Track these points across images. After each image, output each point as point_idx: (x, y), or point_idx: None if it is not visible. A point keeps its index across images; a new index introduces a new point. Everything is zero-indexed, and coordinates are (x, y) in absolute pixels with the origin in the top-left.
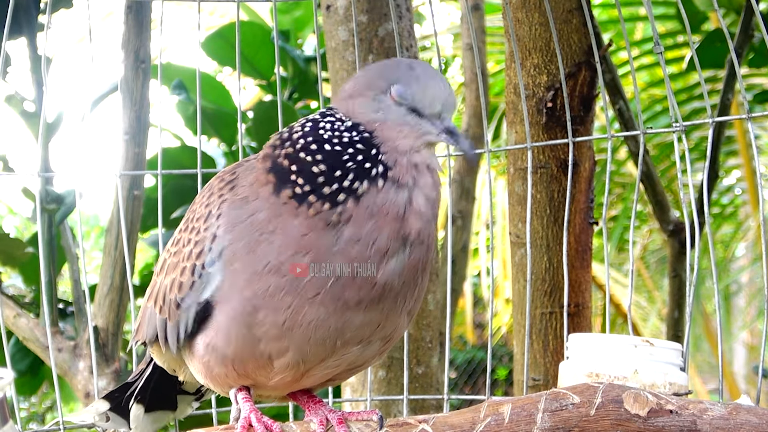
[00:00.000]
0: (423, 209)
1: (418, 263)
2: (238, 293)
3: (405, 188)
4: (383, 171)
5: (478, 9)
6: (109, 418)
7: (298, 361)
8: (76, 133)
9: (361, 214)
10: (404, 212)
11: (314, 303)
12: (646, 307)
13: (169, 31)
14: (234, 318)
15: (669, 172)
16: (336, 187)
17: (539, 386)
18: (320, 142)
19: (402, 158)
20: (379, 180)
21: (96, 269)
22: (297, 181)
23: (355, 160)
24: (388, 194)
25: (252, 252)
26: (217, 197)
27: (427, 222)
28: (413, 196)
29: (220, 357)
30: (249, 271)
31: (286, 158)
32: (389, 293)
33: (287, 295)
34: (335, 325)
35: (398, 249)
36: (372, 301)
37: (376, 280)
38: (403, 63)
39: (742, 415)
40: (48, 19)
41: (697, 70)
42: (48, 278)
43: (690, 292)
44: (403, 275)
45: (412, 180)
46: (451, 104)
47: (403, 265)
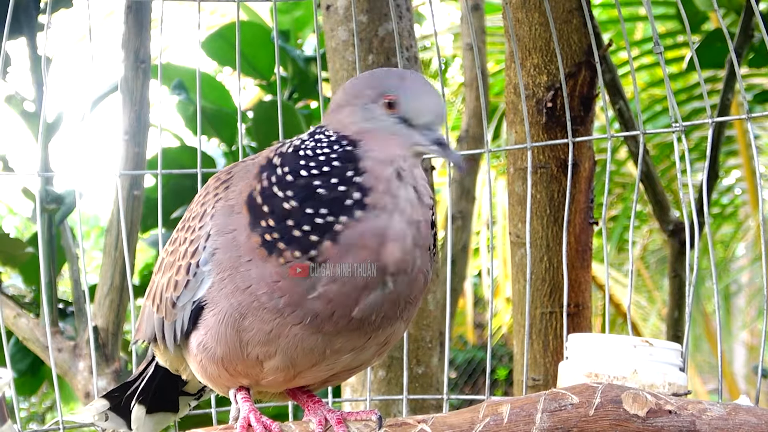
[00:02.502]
0: (403, 236)
1: (399, 297)
2: (226, 298)
3: (384, 213)
4: (360, 198)
5: (478, 9)
6: (108, 418)
7: (287, 365)
8: (76, 133)
9: (339, 252)
10: (383, 242)
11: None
12: (646, 307)
13: (169, 31)
14: (222, 320)
15: (669, 172)
16: (307, 229)
17: (539, 386)
18: (296, 170)
19: (385, 170)
20: (356, 211)
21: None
22: (268, 224)
23: (328, 185)
24: (366, 224)
25: (235, 269)
26: (212, 196)
27: (411, 246)
28: (392, 222)
29: (211, 356)
30: (233, 285)
31: (260, 194)
32: (366, 327)
33: (270, 313)
34: (321, 340)
35: (377, 284)
36: (351, 331)
37: (352, 315)
38: (394, 72)
39: (741, 416)
40: (48, 19)
41: (696, 70)
42: (48, 278)
43: (689, 293)
44: (382, 309)
45: (392, 202)
46: (440, 115)
47: (381, 300)
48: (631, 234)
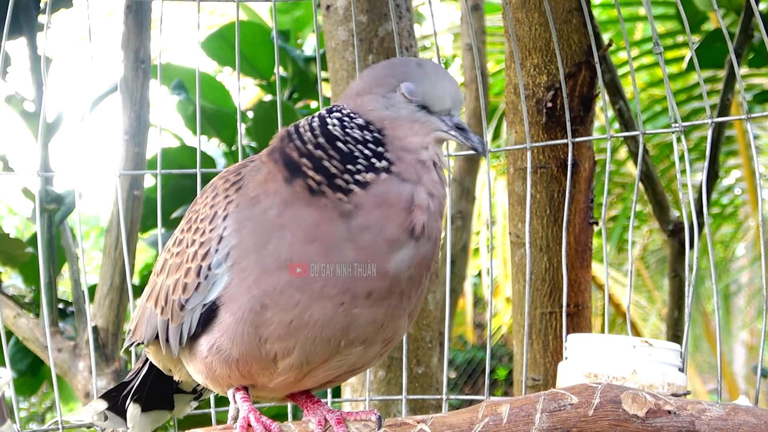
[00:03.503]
0: (427, 204)
1: (426, 258)
2: (246, 292)
3: (409, 182)
4: (387, 166)
5: (478, 9)
6: (107, 418)
7: (302, 362)
8: (76, 133)
9: (369, 202)
10: (409, 206)
11: (323, 297)
12: (646, 307)
13: (169, 31)
14: (241, 318)
15: (669, 172)
16: (347, 177)
17: (539, 386)
18: (330, 137)
19: (409, 156)
20: (382, 173)
21: (96, 269)
22: (308, 172)
23: (363, 155)
24: (392, 186)
25: (263, 248)
26: (223, 198)
27: (433, 217)
28: (417, 191)
29: (225, 358)
30: (258, 270)
31: (296, 150)
32: (396, 287)
33: (297, 291)
34: (341, 323)
35: (406, 241)
36: (380, 295)
37: (386, 269)
38: (412, 61)
39: (740, 416)
40: (48, 19)
41: (696, 71)
42: (48, 278)
43: (689, 293)
44: (411, 268)
45: (416, 176)
46: (459, 101)
47: (412, 258)
48: (631, 234)
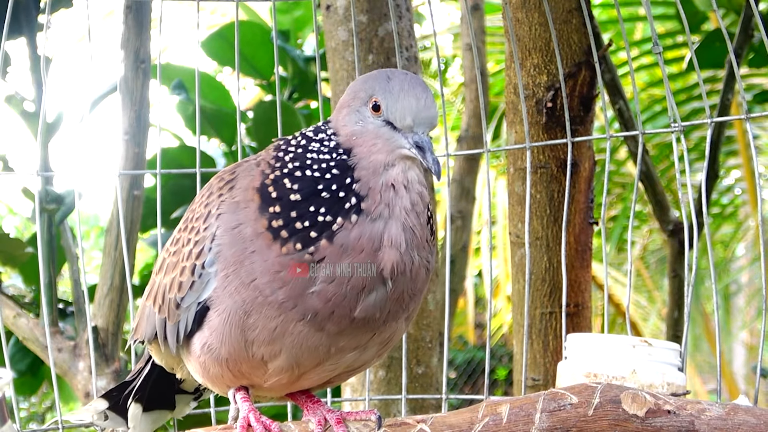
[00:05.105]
0: (399, 241)
1: (403, 294)
2: (230, 297)
3: (379, 220)
4: (356, 203)
5: (477, 9)
6: (107, 417)
7: (291, 365)
8: (75, 133)
9: (335, 252)
10: (379, 246)
11: (300, 322)
12: (646, 307)
13: (169, 30)
14: (227, 319)
15: (669, 172)
16: (308, 224)
17: (539, 386)
18: (303, 167)
19: (377, 180)
20: (352, 215)
21: (96, 269)
22: (275, 210)
23: (329, 189)
24: (362, 228)
25: (240, 263)
26: (217, 197)
27: (408, 250)
28: (387, 229)
29: (215, 357)
30: (237, 281)
31: (272, 183)
32: (371, 324)
33: (273, 308)
34: (324, 340)
35: (376, 285)
36: (355, 329)
37: (354, 315)
38: (383, 74)
39: (739, 416)
40: (48, 19)
41: (696, 71)
42: (48, 278)
43: (688, 293)
44: (386, 307)
45: (387, 209)
46: (424, 118)
47: (383, 300)
48: (630, 234)
